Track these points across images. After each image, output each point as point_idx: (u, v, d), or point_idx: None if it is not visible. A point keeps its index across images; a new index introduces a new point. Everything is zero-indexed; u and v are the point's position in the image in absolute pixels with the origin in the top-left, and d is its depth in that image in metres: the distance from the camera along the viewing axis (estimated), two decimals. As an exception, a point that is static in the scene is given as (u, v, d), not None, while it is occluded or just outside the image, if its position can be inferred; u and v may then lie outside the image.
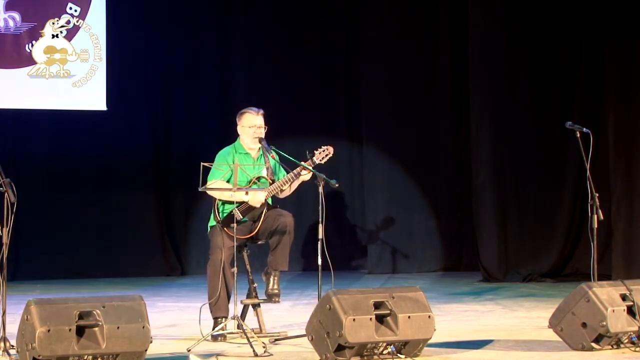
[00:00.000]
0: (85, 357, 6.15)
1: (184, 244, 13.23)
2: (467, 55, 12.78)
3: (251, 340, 7.15)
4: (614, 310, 7.07)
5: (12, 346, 6.56)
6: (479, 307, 10.01)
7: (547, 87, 12.30)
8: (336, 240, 13.13)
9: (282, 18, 13.56)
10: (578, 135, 8.45)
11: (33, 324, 6.07)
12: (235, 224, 7.59)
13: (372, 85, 13.38)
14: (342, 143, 12.95)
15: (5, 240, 6.66)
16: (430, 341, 6.89)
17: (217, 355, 7.09)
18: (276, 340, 7.64)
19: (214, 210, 7.91)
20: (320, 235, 7.48)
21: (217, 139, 12.34)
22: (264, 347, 7.15)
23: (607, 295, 7.15)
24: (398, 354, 6.76)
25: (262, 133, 7.97)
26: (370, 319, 6.64)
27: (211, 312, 7.78)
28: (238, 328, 7.46)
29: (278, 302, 7.95)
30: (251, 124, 7.97)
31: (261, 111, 8.04)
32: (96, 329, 6.20)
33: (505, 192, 12.38)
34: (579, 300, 7.17)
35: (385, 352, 6.72)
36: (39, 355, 6.03)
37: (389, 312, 6.74)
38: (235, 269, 7.63)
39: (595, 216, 8.19)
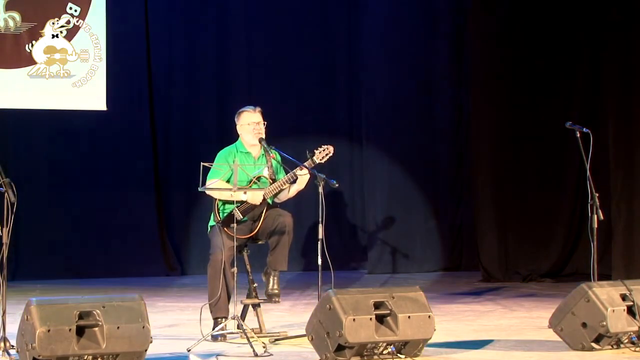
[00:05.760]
0: (85, 357, 6.15)
1: (184, 244, 13.22)
2: (467, 55, 12.78)
3: (251, 340, 7.16)
4: (614, 310, 7.07)
5: (12, 346, 6.56)
6: (479, 307, 10.01)
7: (547, 87, 12.30)
8: (336, 240, 13.12)
9: (283, 18, 13.55)
10: (578, 135, 8.46)
11: (33, 324, 6.07)
12: (235, 224, 7.59)
13: (372, 85, 13.38)
14: (342, 143, 12.94)
15: (5, 240, 6.66)
16: (430, 341, 6.89)
17: (217, 355, 7.10)
18: (276, 340, 7.64)
19: (214, 210, 7.92)
20: (320, 235, 7.48)
21: (217, 139, 12.35)
22: (264, 347, 7.16)
23: (607, 295, 7.15)
24: (398, 354, 6.77)
25: (261, 129, 7.98)
26: (370, 319, 6.64)
27: (211, 312, 7.79)
28: (238, 328, 7.46)
29: (278, 302, 7.95)
30: (250, 121, 7.99)
31: (258, 108, 8.07)
32: (96, 329, 6.19)
33: (505, 192, 12.38)
34: (579, 300, 7.17)
35: (385, 352, 6.72)
36: (39, 355, 6.03)
37: (389, 312, 6.74)
38: (235, 269, 7.63)
39: (595, 216, 8.20)
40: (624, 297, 7.22)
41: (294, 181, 7.92)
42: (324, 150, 7.94)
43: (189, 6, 13.26)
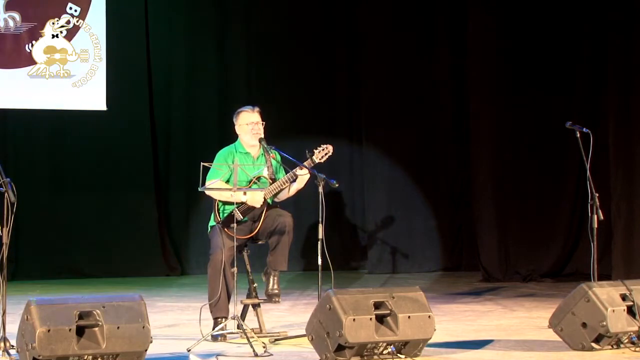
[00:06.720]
0: (85, 357, 6.15)
1: (184, 244, 13.22)
2: (467, 54, 12.78)
3: (251, 340, 7.16)
4: (614, 310, 7.07)
5: (12, 346, 6.56)
6: (479, 307, 10.01)
7: (547, 87, 12.30)
8: (336, 240, 13.13)
9: (282, 18, 13.55)
10: (578, 135, 8.46)
11: (33, 324, 6.07)
12: (235, 224, 7.59)
13: (372, 85, 13.38)
14: (342, 143, 12.95)
15: (5, 240, 6.65)
16: (430, 341, 6.89)
17: (217, 355, 7.09)
18: (276, 340, 7.64)
19: (215, 211, 7.92)
20: (320, 235, 7.48)
21: (217, 139, 12.34)
22: (264, 347, 7.15)
23: (607, 295, 7.15)
24: (398, 354, 6.76)
25: (260, 129, 7.98)
26: (370, 319, 6.64)
27: (211, 312, 7.79)
28: (238, 328, 7.46)
29: (278, 302, 7.95)
30: (248, 121, 7.99)
31: (257, 108, 8.06)
32: (96, 329, 6.19)
33: (505, 192, 12.38)
34: (579, 300, 7.17)
35: (385, 352, 6.72)
36: (39, 355, 6.03)
37: (389, 312, 6.74)
38: (235, 269, 7.63)
39: (595, 216, 8.20)
40: (624, 297, 7.22)
41: (294, 181, 7.92)
42: (323, 149, 7.93)
43: (188, 6, 13.26)
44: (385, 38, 13.32)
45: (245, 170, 7.84)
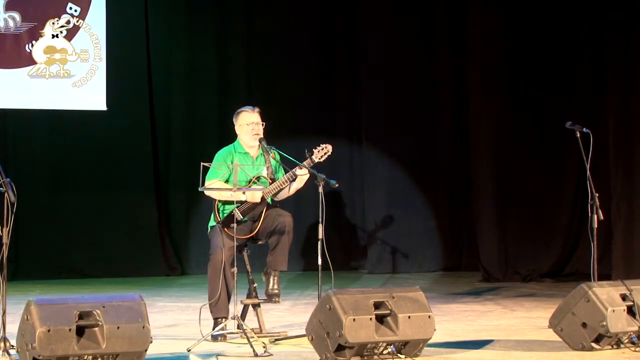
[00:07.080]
0: (85, 357, 6.15)
1: (184, 244, 13.22)
2: (467, 55, 12.78)
3: (251, 340, 7.16)
4: (614, 310, 7.07)
5: (12, 346, 6.56)
6: (479, 307, 10.01)
7: (547, 87, 12.30)
8: (336, 240, 13.12)
9: (282, 18, 13.55)
10: (578, 135, 8.46)
11: (33, 324, 6.07)
12: (235, 224, 7.59)
13: (372, 85, 13.37)
14: (342, 143, 12.95)
15: (5, 240, 6.65)
16: (430, 341, 6.89)
17: (217, 355, 7.10)
18: (276, 340, 7.64)
19: (214, 211, 7.92)
20: (320, 235, 7.48)
21: (217, 139, 12.34)
22: (264, 347, 7.15)
23: (607, 295, 7.15)
24: (398, 354, 6.76)
25: (260, 129, 7.98)
26: (370, 319, 6.64)
27: (211, 312, 7.79)
28: (238, 328, 7.46)
29: (278, 302, 7.95)
30: (248, 122, 7.99)
31: (257, 108, 8.06)
32: (96, 329, 6.19)
33: (505, 192, 12.38)
34: (579, 300, 7.18)
35: (385, 352, 6.72)
36: (39, 355, 6.03)
37: (389, 312, 6.74)
38: (235, 269, 7.63)
39: (595, 216, 8.20)
40: (624, 297, 7.22)
41: (294, 180, 7.92)
42: (322, 149, 7.93)
43: (188, 6, 13.25)
44: (385, 38, 13.32)
45: (245, 170, 7.84)
